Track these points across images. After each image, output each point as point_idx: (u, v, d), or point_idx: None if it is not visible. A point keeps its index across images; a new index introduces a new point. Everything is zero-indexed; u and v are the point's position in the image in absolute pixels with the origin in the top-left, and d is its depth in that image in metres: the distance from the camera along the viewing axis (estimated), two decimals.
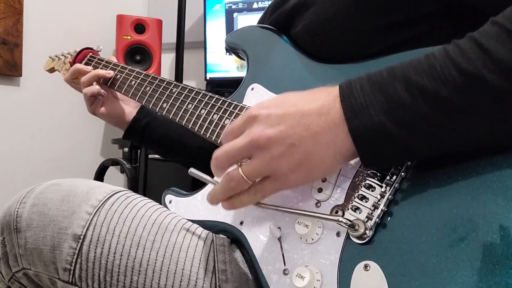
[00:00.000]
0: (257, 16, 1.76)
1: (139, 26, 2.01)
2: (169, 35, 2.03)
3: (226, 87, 1.89)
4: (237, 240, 0.63)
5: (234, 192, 0.53)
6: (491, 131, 0.45)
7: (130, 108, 0.97)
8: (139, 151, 1.90)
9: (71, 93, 2.04)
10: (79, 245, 0.59)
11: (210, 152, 0.53)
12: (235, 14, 1.85)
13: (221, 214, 0.65)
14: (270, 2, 0.80)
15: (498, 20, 0.44)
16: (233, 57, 1.87)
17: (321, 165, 0.49)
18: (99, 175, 1.93)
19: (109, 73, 0.94)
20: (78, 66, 0.97)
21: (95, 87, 0.93)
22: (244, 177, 0.51)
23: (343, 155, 0.49)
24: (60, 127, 2.09)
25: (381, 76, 0.48)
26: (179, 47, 1.96)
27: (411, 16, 0.58)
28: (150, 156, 1.87)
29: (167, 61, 2.23)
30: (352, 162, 0.55)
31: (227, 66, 1.90)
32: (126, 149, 1.97)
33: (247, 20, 1.83)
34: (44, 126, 2.03)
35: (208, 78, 1.93)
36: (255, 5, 1.81)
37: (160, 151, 1.01)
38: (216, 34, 1.90)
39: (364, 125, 0.46)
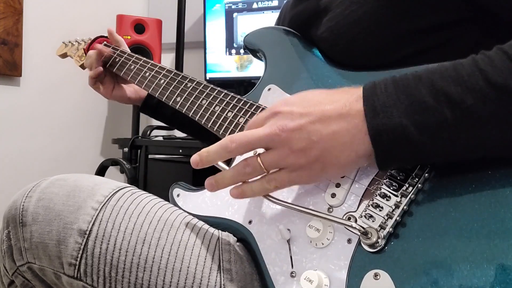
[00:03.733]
0: (257, 16, 1.79)
1: (139, 26, 2.00)
2: (169, 35, 2.03)
3: (226, 87, 1.88)
4: (244, 239, 0.62)
5: (246, 178, 0.54)
6: (510, 142, 0.45)
7: None
8: (139, 151, 1.89)
9: (71, 93, 2.05)
10: (84, 240, 0.59)
11: None
12: (235, 14, 1.84)
13: (229, 212, 0.64)
14: (270, 3, 0.80)
15: None
16: (233, 57, 1.87)
17: (336, 163, 0.50)
18: (99, 175, 1.93)
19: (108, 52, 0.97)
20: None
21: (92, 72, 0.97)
22: (262, 165, 0.51)
23: (359, 155, 0.49)
24: (60, 127, 2.08)
25: (406, 78, 0.48)
26: (179, 47, 1.97)
27: (440, 21, 0.58)
28: (150, 156, 1.87)
29: (167, 61, 2.23)
30: (367, 169, 0.54)
31: (227, 66, 1.90)
32: (126, 149, 1.96)
33: (247, 20, 1.83)
34: (44, 126, 2.03)
35: (208, 78, 1.93)
36: (255, 5, 1.80)
37: (175, 125, 1.03)
38: (216, 34, 1.89)
39: (385, 124, 0.46)
